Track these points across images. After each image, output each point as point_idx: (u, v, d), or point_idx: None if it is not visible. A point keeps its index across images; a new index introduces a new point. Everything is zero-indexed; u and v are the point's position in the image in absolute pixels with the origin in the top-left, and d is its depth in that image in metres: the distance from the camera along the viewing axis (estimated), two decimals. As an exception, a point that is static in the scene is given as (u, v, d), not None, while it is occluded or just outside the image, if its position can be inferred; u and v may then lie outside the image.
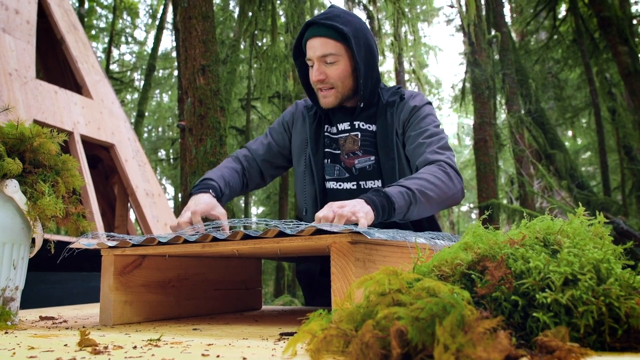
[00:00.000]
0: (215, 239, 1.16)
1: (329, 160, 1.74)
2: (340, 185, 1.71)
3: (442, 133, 1.65)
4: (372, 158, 1.68)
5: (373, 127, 1.70)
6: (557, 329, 0.60)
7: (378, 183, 1.68)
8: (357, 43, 1.59)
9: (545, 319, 0.64)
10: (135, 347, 0.81)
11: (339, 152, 1.73)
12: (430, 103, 1.74)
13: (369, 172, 1.68)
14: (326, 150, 1.74)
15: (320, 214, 1.23)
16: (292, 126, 1.84)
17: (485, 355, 0.49)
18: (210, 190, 1.58)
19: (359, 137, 1.70)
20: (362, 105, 1.67)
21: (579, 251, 0.70)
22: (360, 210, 1.23)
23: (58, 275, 4.15)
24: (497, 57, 10.77)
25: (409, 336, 0.54)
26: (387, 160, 1.65)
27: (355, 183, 1.69)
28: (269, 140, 1.85)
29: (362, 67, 1.60)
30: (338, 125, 1.74)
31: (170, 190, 19.89)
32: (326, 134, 1.76)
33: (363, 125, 1.71)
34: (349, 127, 1.72)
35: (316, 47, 1.60)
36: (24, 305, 1.40)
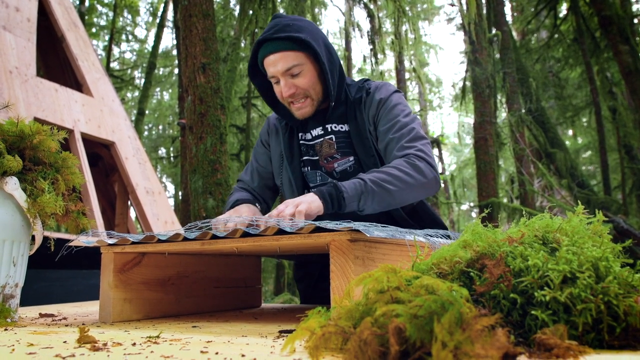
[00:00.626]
0: (214, 237, 1.16)
1: (309, 167, 1.72)
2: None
3: (413, 122, 1.62)
4: (351, 159, 1.67)
5: (345, 127, 1.68)
6: (556, 327, 0.60)
7: None
8: (317, 45, 1.57)
9: (544, 317, 0.64)
10: (134, 344, 0.81)
11: (317, 158, 1.71)
12: (397, 91, 1.70)
13: (351, 173, 1.66)
14: (304, 158, 1.73)
15: (274, 211, 1.29)
16: (270, 141, 1.83)
17: (483, 353, 0.49)
18: (249, 203, 1.65)
19: (334, 139, 1.69)
20: (333, 105, 1.65)
21: (578, 249, 0.70)
22: (304, 202, 1.31)
23: (58, 273, 4.15)
24: (497, 55, 10.76)
25: (408, 333, 0.54)
26: (368, 158, 1.63)
27: None
28: (256, 167, 1.86)
29: (328, 68, 1.58)
30: (311, 131, 1.72)
31: (171, 188, 19.90)
32: (301, 142, 1.74)
33: (335, 127, 1.69)
34: (322, 132, 1.70)
35: (277, 62, 1.56)
36: (24, 302, 1.40)
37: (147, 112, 16.91)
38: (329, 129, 1.69)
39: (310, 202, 1.33)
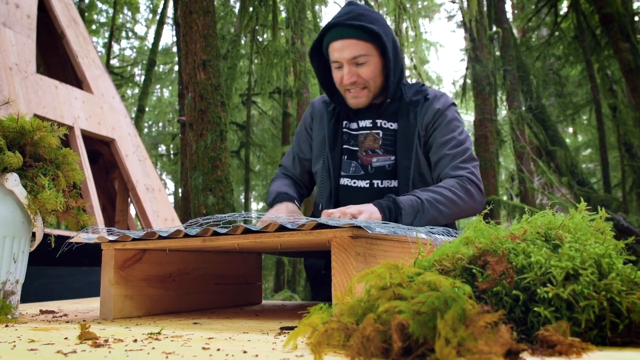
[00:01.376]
0: (215, 233, 1.16)
1: (346, 156, 1.73)
2: (354, 182, 1.70)
3: (467, 141, 1.65)
4: (392, 158, 1.67)
5: (395, 126, 1.69)
6: (558, 324, 0.60)
7: (394, 183, 1.66)
8: (387, 40, 1.58)
9: (547, 314, 0.64)
10: (135, 341, 0.81)
11: (357, 148, 1.71)
12: (454, 104, 1.72)
13: (386, 172, 1.66)
14: (344, 146, 1.73)
15: (336, 211, 1.31)
16: (313, 125, 1.84)
17: (486, 349, 0.49)
18: (288, 200, 1.67)
19: (381, 135, 1.69)
20: (389, 101, 1.66)
21: (581, 246, 0.70)
22: (366, 211, 1.34)
23: (58, 269, 4.16)
24: (498, 53, 10.75)
25: (410, 330, 0.54)
26: (404, 160, 1.64)
27: (369, 182, 1.68)
28: (297, 153, 1.87)
29: (392, 64, 1.59)
30: (359, 121, 1.72)
31: (171, 185, 19.91)
32: (344, 130, 1.74)
33: (385, 123, 1.69)
34: (371, 125, 1.70)
35: (345, 49, 1.58)
36: (25, 299, 1.40)
37: (147, 109, 16.90)
38: (378, 124, 1.70)
39: (372, 212, 1.37)
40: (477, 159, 1.66)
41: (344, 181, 1.71)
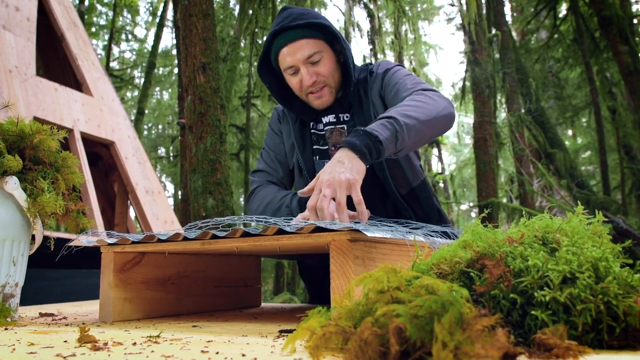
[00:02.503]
0: (214, 236, 1.16)
1: (318, 157, 1.71)
2: None
3: (412, 74, 1.61)
4: None
5: (349, 115, 1.67)
6: (556, 327, 0.60)
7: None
8: (335, 32, 1.56)
9: (544, 317, 0.64)
10: (134, 344, 0.81)
11: (327, 147, 1.70)
12: (399, 64, 1.70)
13: None
14: (314, 147, 1.72)
15: (311, 203, 1.19)
16: (282, 131, 1.81)
17: (483, 353, 0.50)
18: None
19: (345, 129, 1.68)
20: (351, 90, 1.63)
21: (578, 250, 0.70)
22: (342, 180, 1.17)
23: (58, 272, 4.16)
24: (497, 56, 10.76)
25: (408, 333, 0.54)
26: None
27: None
28: (275, 156, 1.79)
29: (347, 52, 1.58)
30: (322, 118, 1.70)
31: (170, 187, 19.90)
32: (312, 131, 1.73)
33: (347, 117, 1.68)
34: (335, 120, 1.69)
35: (297, 51, 1.54)
36: (24, 301, 1.40)
37: (146, 111, 16.90)
38: (341, 119, 1.68)
39: (350, 169, 1.19)
40: (433, 87, 1.58)
41: None
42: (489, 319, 0.53)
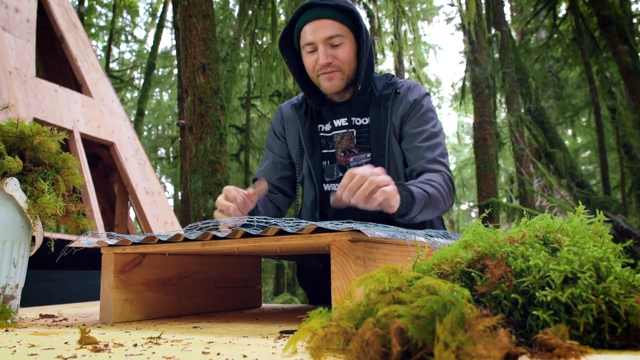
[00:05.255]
0: (215, 237, 1.16)
1: (328, 162, 1.70)
2: (337, 186, 1.68)
3: (440, 134, 1.62)
4: (369, 155, 1.64)
5: (367, 121, 1.65)
6: (557, 327, 0.60)
7: None
8: (362, 24, 1.55)
9: (545, 317, 0.64)
10: (135, 345, 0.81)
11: (334, 150, 1.68)
12: (428, 94, 1.69)
13: None
14: (323, 151, 1.70)
15: (345, 181, 1.24)
16: (285, 132, 1.78)
17: (485, 353, 0.50)
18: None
19: (355, 134, 1.65)
20: (359, 90, 1.61)
21: (579, 249, 0.70)
22: (391, 191, 1.24)
23: (58, 274, 4.15)
24: (497, 55, 10.76)
25: (410, 334, 0.54)
26: (378, 157, 1.61)
27: None
28: (272, 160, 1.80)
29: (365, 48, 1.55)
30: (333, 121, 1.68)
31: (170, 188, 19.89)
32: (320, 134, 1.71)
33: (358, 120, 1.66)
34: (347, 124, 1.66)
35: (320, 29, 1.52)
36: (24, 303, 1.40)
37: (146, 112, 16.90)
38: (353, 122, 1.66)
39: (395, 193, 1.28)
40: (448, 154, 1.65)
41: (328, 187, 1.69)
42: (490, 319, 0.53)
